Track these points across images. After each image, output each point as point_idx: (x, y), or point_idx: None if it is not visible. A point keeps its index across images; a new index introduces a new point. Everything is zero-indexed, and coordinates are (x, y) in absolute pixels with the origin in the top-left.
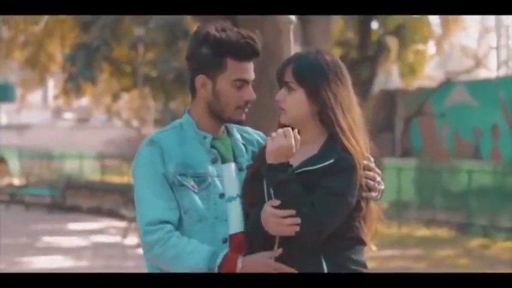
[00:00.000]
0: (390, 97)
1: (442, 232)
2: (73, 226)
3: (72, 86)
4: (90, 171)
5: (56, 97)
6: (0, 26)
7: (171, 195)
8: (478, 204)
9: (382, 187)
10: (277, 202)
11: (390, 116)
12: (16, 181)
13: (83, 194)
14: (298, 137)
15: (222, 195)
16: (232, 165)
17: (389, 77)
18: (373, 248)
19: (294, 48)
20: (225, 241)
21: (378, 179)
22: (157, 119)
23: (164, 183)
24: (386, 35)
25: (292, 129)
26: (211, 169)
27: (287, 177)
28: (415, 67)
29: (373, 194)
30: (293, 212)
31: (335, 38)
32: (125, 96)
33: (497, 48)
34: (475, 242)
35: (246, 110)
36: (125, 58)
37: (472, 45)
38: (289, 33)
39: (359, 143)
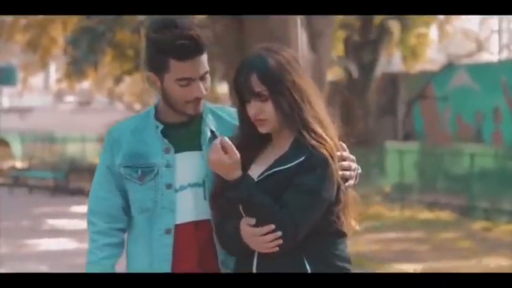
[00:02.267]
0: (392, 80)
1: (445, 215)
2: (76, 209)
3: (75, 69)
4: (93, 154)
5: (58, 80)
6: None
7: (112, 187)
8: (480, 187)
9: (358, 171)
10: (253, 221)
11: (392, 100)
12: (19, 164)
13: (86, 176)
14: (235, 152)
15: (169, 186)
16: (189, 154)
17: (391, 60)
18: (356, 227)
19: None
20: (168, 232)
21: (353, 166)
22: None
23: (107, 174)
24: (388, 18)
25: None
26: (162, 159)
27: (246, 191)
28: (417, 50)
29: (351, 182)
30: (272, 227)
31: (338, 21)
32: (127, 80)
33: (499, 32)
34: (477, 225)
35: (203, 102)
36: (128, 42)
37: (473, 29)
38: (297, 19)
39: (330, 135)
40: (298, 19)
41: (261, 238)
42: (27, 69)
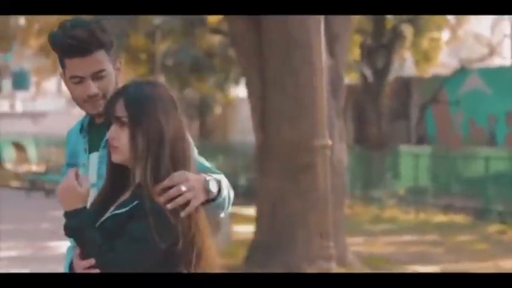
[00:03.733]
0: (405, 85)
1: (459, 218)
2: None
3: None
4: None
5: None
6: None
7: None
8: (495, 190)
9: (209, 186)
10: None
11: (405, 104)
12: (35, 168)
13: None
14: (87, 184)
15: None
16: (96, 155)
17: (404, 64)
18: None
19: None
20: None
21: (184, 188)
22: None
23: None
24: (401, 22)
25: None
26: (82, 158)
27: (81, 222)
28: (429, 54)
29: (194, 204)
30: (92, 262)
31: (354, 26)
32: None
33: (511, 36)
34: (493, 228)
35: (102, 102)
36: (142, 46)
37: (485, 33)
38: (320, 24)
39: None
40: (322, 24)
41: (84, 271)
42: (40, 73)
